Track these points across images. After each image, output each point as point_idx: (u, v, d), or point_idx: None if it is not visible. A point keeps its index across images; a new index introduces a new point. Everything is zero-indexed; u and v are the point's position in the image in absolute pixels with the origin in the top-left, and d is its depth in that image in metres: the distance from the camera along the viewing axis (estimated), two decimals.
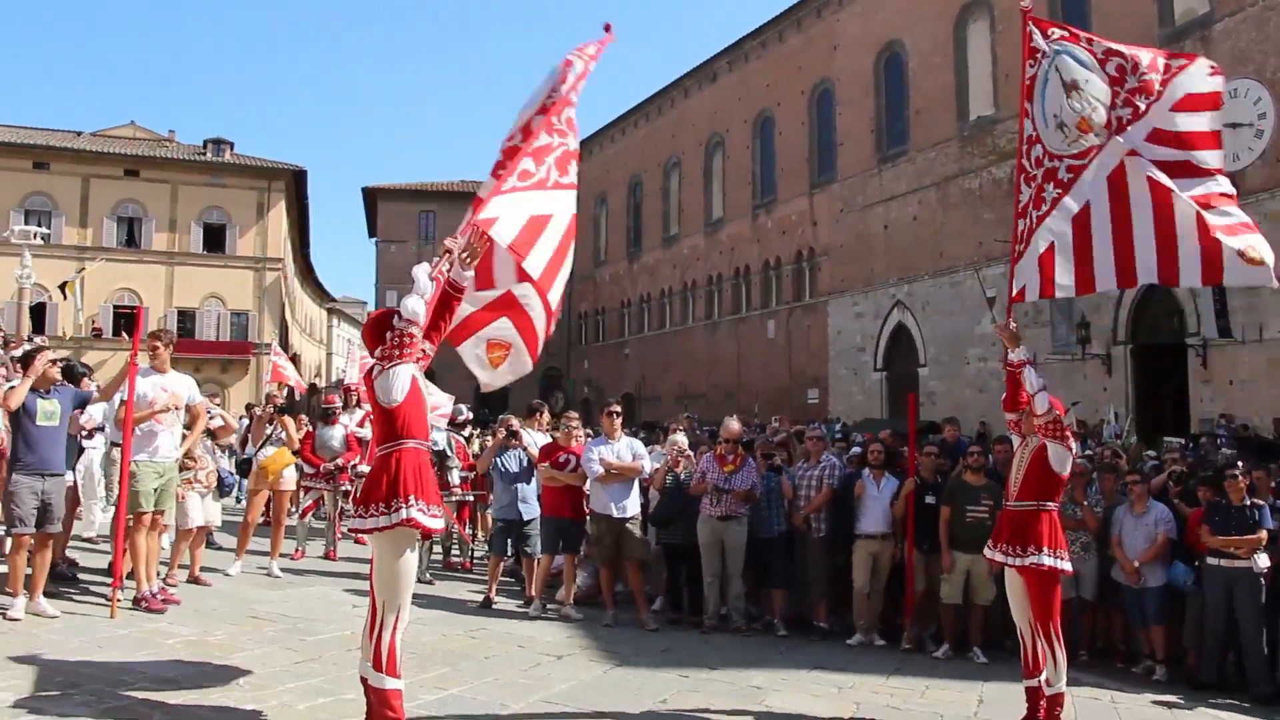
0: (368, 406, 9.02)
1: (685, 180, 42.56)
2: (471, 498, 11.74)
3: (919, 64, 29.80)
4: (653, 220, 45.15)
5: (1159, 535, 8.36)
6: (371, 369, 5.02)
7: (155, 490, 7.65)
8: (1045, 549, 5.89)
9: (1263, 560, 7.67)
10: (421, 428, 4.99)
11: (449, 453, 10.85)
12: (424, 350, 5.13)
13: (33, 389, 7.12)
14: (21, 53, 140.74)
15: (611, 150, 48.61)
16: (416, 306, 4.97)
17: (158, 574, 8.43)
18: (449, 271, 5.25)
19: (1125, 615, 8.68)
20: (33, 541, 7.06)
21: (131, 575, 7.60)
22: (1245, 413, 19.31)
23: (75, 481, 8.78)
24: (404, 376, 4.89)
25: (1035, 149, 6.54)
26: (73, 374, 8.49)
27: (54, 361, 7.41)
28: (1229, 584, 7.79)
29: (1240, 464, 8.57)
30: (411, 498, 4.77)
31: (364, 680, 4.82)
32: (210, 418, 9.42)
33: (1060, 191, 6.37)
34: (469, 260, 5.32)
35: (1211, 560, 7.93)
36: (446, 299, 5.24)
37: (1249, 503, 7.90)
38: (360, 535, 5.04)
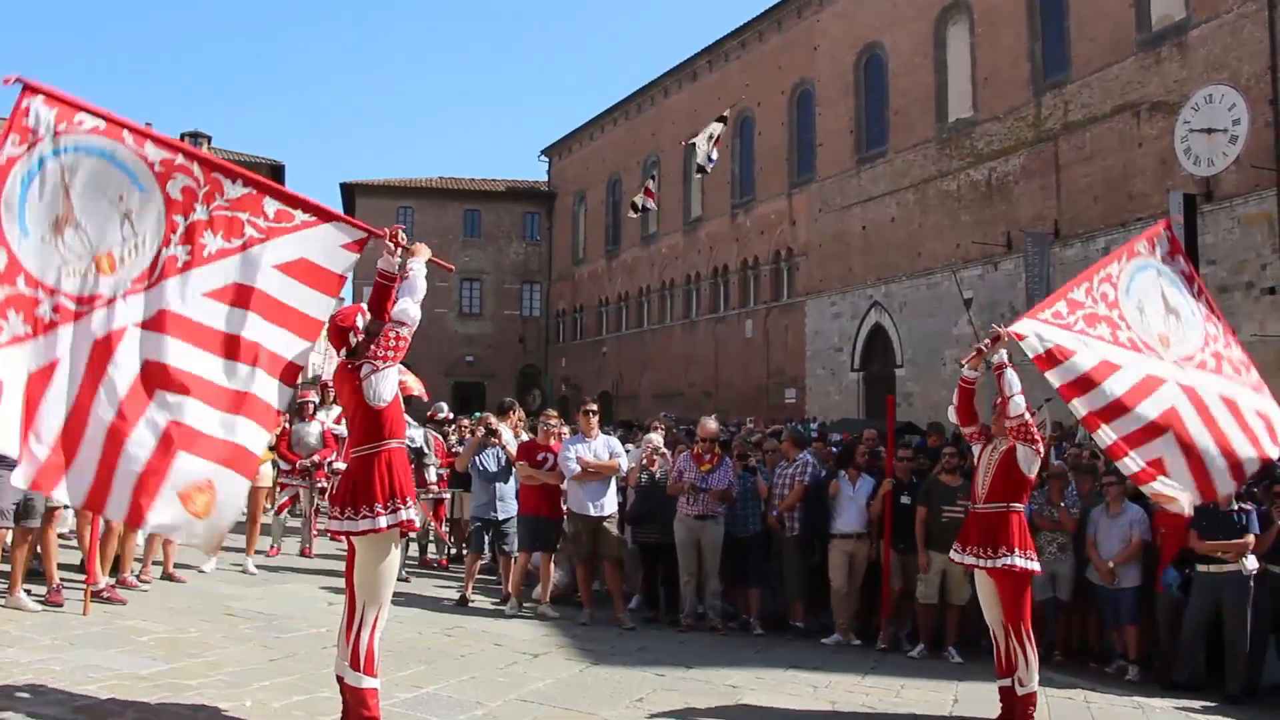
0: None
1: (664, 179, 42.53)
2: (448, 495, 11.71)
3: (899, 65, 29.89)
4: (631, 219, 45.12)
5: (1134, 537, 8.42)
6: (345, 366, 4.94)
7: None
8: (1016, 550, 5.93)
9: (1251, 563, 7.73)
10: (402, 426, 4.99)
11: (426, 450, 10.82)
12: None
13: None
14: None
15: (590, 148, 48.54)
16: (413, 310, 4.92)
17: (131, 570, 8.40)
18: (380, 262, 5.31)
19: (1100, 615, 8.75)
20: (10, 537, 7.02)
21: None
22: None
23: None
24: (394, 378, 4.87)
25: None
26: None
27: None
28: (1218, 588, 7.85)
29: None
30: (408, 499, 4.80)
31: (340, 679, 4.79)
32: None
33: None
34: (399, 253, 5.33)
35: (1201, 567, 7.97)
36: (383, 289, 5.23)
37: (1236, 507, 7.93)
38: (340, 535, 4.97)
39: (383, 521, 4.70)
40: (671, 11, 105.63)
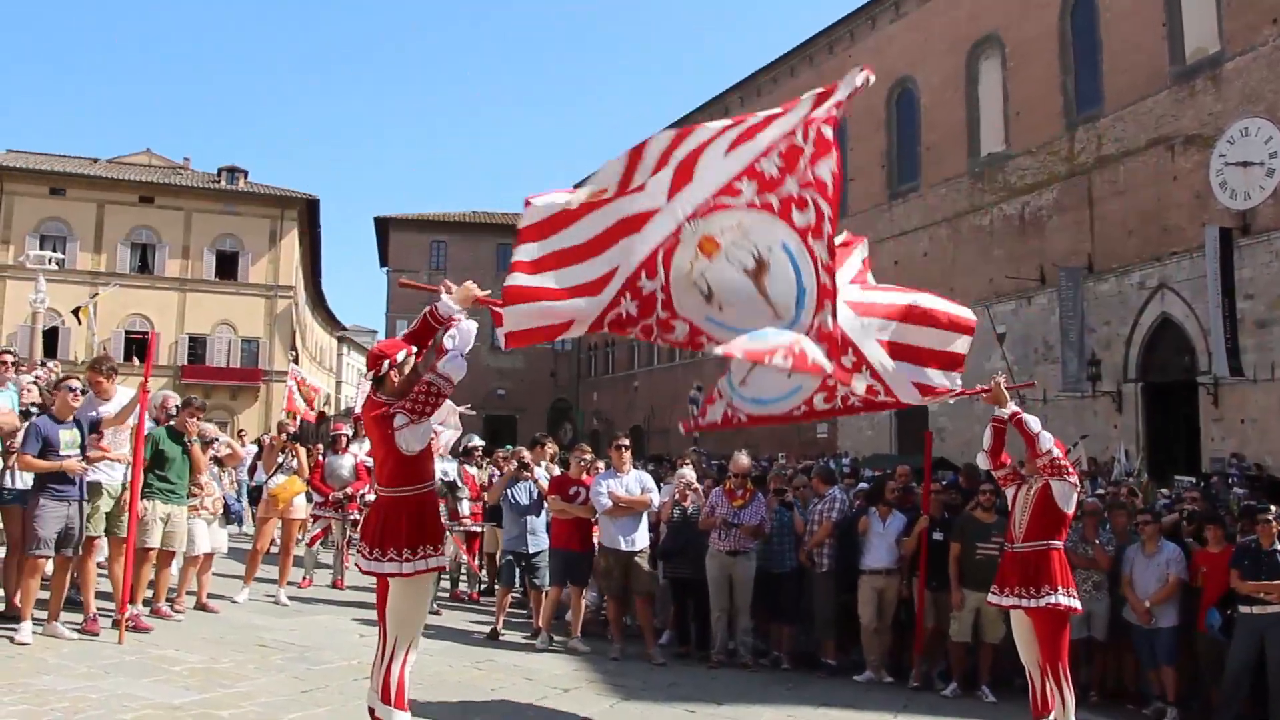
0: None
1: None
2: (481, 529, 11.71)
3: (930, 100, 29.95)
4: None
5: (1170, 575, 8.29)
6: (374, 400, 4.92)
7: (106, 514, 7.60)
8: (1060, 589, 5.87)
9: None
10: (432, 469, 5.03)
11: (459, 483, 10.85)
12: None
13: (53, 418, 7.20)
14: (39, 80, 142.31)
15: None
16: (457, 370, 4.85)
17: (166, 599, 8.48)
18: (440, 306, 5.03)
19: (1136, 656, 8.61)
20: (51, 564, 7.14)
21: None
22: (1257, 452, 19.21)
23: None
24: (427, 431, 4.89)
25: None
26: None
27: (71, 390, 7.47)
28: (1261, 630, 7.69)
29: (1273, 507, 8.42)
30: (439, 546, 4.87)
31: (371, 711, 4.81)
32: (217, 445, 9.47)
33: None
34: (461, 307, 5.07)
35: (1244, 608, 7.81)
36: (428, 329, 5.01)
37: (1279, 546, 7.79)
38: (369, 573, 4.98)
39: (407, 568, 4.74)
40: (705, 47, 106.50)
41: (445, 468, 10.48)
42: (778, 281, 5.34)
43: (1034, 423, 6.13)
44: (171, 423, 8.23)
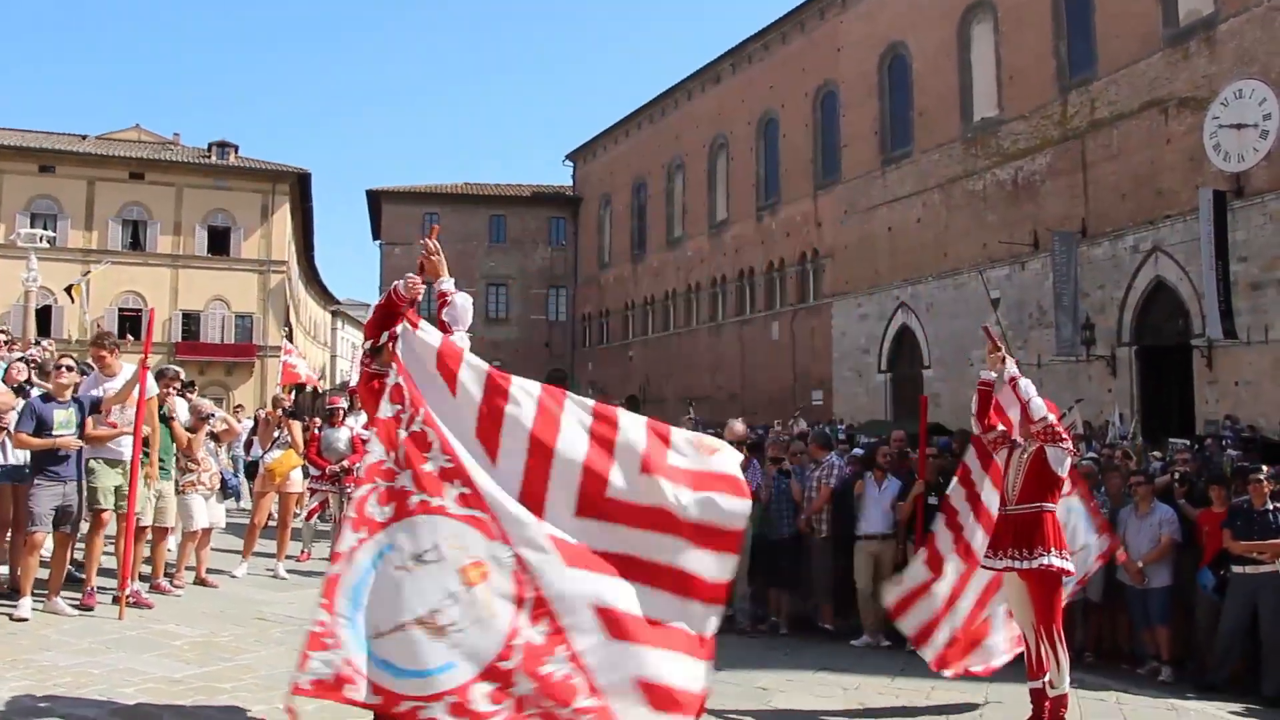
0: None
1: (689, 182, 42.56)
2: None
3: (923, 65, 29.80)
4: (657, 222, 45.17)
5: (1163, 536, 8.34)
6: (368, 371, 4.80)
7: (114, 488, 7.59)
8: (1052, 550, 5.90)
9: None
10: None
11: None
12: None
13: (49, 399, 7.22)
14: (26, 56, 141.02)
15: (615, 152, 48.65)
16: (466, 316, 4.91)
17: (165, 574, 8.51)
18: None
19: (1130, 616, 8.68)
20: (51, 541, 7.19)
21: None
22: (1250, 414, 19.28)
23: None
24: None
25: None
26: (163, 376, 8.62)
27: (67, 368, 7.47)
28: (1254, 590, 7.75)
29: (1265, 468, 8.47)
30: None
31: None
32: (213, 420, 9.47)
33: None
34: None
35: (1237, 568, 7.87)
36: (391, 307, 4.59)
37: (1271, 506, 7.83)
38: None
39: None
40: (694, 15, 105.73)
41: None
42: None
43: (1028, 389, 6.12)
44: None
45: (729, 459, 4.54)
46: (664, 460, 4.37)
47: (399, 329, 4.47)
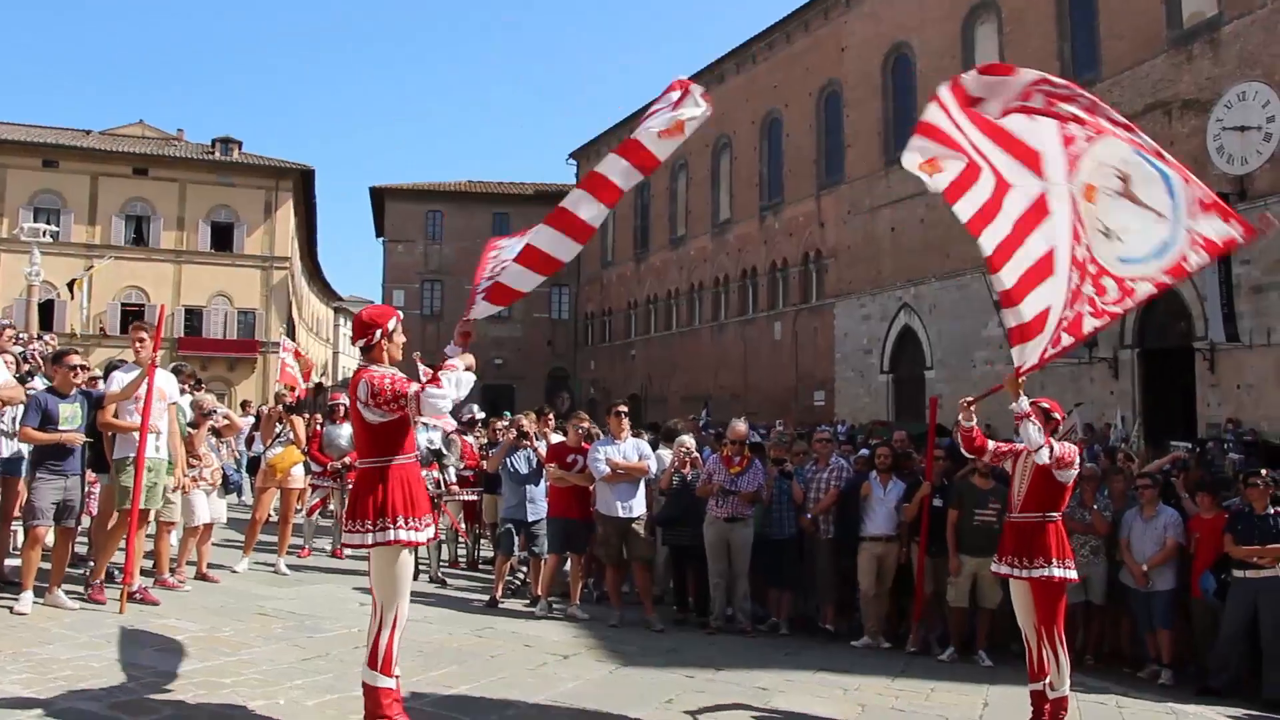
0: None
1: (692, 181, 42.56)
2: (475, 497, 11.76)
3: (927, 65, 29.75)
4: (660, 221, 45.18)
5: (1168, 539, 8.34)
6: (358, 381, 4.80)
7: (145, 487, 7.54)
8: (1054, 560, 5.88)
9: None
10: (407, 442, 4.92)
11: (445, 451, 10.84)
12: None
13: (54, 393, 7.22)
14: (31, 51, 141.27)
15: None
16: (434, 410, 4.76)
17: (169, 570, 8.52)
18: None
19: (1132, 619, 8.67)
20: (52, 535, 7.18)
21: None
22: (1253, 417, 19.27)
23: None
24: (382, 416, 4.80)
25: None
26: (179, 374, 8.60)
27: (81, 367, 7.49)
28: (1255, 594, 7.75)
29: (1264, 471, 8.46)
30: (400, 519, 4.72)
31: (365, 685, 4.83)
32: (215, 416, 9.47)
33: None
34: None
35: (1238, 572, 7.87)
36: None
37: (1272, 511, 7.83)
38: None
39: (369, 539, 4.71)
40: (698, 15, 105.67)
41: (431, 436, 10.48)
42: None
43: (1031, 438, 5.89)
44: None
45: None
46: None
47: None
